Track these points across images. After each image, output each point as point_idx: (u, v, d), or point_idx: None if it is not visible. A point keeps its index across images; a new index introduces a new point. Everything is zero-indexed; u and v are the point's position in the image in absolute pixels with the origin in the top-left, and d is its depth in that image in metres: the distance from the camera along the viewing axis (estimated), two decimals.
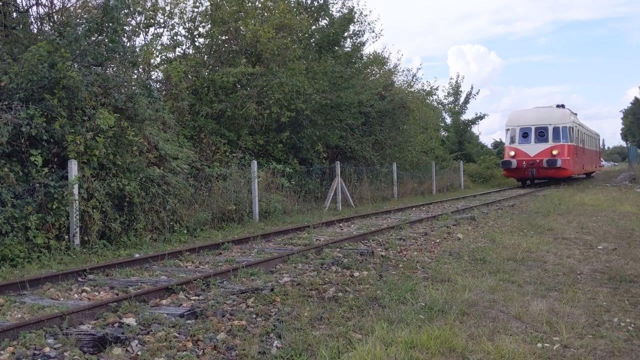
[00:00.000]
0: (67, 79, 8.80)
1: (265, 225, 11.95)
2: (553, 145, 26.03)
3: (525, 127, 27.10)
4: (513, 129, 27.45)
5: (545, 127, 26.56)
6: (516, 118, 27.95)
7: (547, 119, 26.83)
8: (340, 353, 4.04)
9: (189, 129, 14.33)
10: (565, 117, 27.03)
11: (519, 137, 27.05)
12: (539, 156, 25.92)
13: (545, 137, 26.45)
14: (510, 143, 27.46)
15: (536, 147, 26.33)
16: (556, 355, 4.10)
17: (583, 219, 12.07)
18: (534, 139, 26.61)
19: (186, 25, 16.68)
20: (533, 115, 27.59)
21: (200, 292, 5.74)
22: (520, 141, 27.01)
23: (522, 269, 6.97)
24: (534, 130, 26.71)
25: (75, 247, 8.35)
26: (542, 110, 28.08)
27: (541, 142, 26.38)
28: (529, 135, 26.80)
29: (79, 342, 4.09)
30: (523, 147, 26.75)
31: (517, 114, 28.70)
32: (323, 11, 21.93)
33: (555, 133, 26.29)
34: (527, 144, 26.73)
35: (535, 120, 27.02)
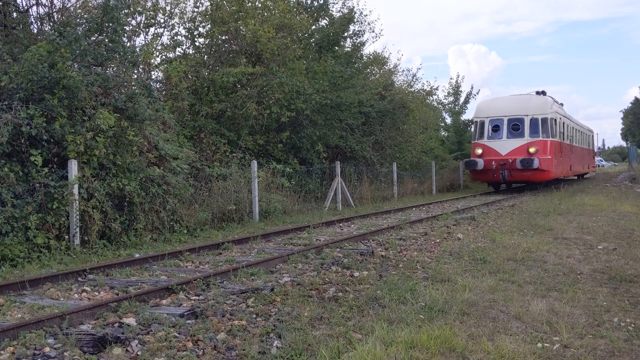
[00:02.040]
0: (67, 79, 8.80)
1: (265, 225, 11.95)
2: (530, 142, 21.31)
3: (496, 118, 22.23)
4: (481, 121, 22.65)
5: (521, 118, 21.76)
6: (486, 108, 23.04)
7: (523, 108, 22.08)
8: (340, 353, 4.04)
9: (189, 129, 14.33)
10: (545, 107, 22.27)
11: (489, 131, 22.29)
12: (512, 155, 21.24)
13: (520, 131, 21.71)
14: (478, 138, 22.60)
15: (509, 143, 21.66)
16: (556, 355, 4.10)
17: (583, 219, 12.07)
18: (507, 133, 21.85)
19: (186, 25, 16.69)
20: (506, 104, 22.77)
21: (200, 292, 5.74)
22: (490, 136, 22.21)
23: (522, 269, 6.97)
24: (507, 122, 21.92)
25: (75, 247, 8.35)
26: (518, 99, 23.21)
27: (515, 137, 21.70)
28: (501, 128, 22.02)
29: (79, 342, 4.09)
30: (493, 143, 22.02)
31: (487, 102, 23.79)
32: (323, 11, 21.94)
33: (533, 126, 21.59)
34: (498, 139, 21.94)
35: (508, 110, 22.25)
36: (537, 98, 23.21)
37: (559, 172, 23.26)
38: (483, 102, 23.96)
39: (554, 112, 22.68)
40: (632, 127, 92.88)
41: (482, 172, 21.80)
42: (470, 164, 21.95)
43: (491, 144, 22.08)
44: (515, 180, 22.45)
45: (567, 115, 26.33)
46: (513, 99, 23.40)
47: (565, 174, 25.43)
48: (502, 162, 21.20)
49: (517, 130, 21.77)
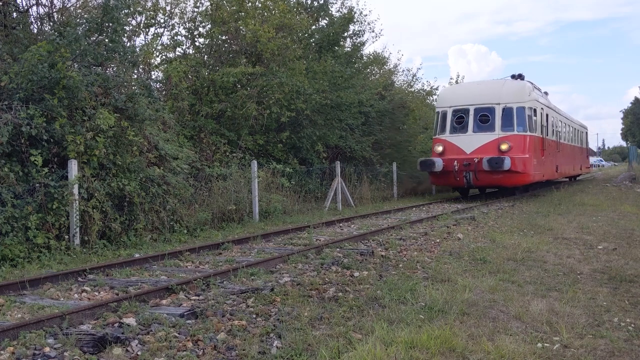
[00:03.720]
0: (67, 79, 8.80)
1: (265, 225, 11.95)
2: (502, 136, 17.23)
3: (461, 108, 18.18)
4: (443, 112, 18.61)
5: (491, 107, 17.67)
6: (449, 96, 19.15)
7: (493, 95, 17.88)
8: (340, 353, 4.04)
9: (189, 129, 14.33)
10: (522, 93, 18.13)
11: (451, 124, 18.21)
12: (478, 153, 17.14)
13: (490, 124, 17.57)
14: (439, 133, 18.58)
15: (476, 138, 17.50)
16: (556, 355, 4.10)
17: (583, 219, 12.07)
18: (473, 126, 17.74)
19: (186, 25, 16.69)
20: (473, 91, 18.67)
21: (200, 292, 5.74)
22: (453, 130, 18.13)
23: (522, 269, 6.97)
24: (474, 113, 17.80)
25: (75, 247, 8.35)
26: (487, 84, 19.12)
27: (484, 130, 17.53)
28: (466, 120, 17.92)
29: (79, 342, 4.09)
30: (456, 139, 17.87)
31: (450, 90, 20.26)
32: (323, 11, 21.94)
33: (507, 117, 17.58)
34: (463, 134, 17.80)
35: (475, 97, 18.14)
36: (511, 83, 18.92)
37: (541, 174, 19.01)
38: (446, 89, 20.56)
39: (533, 101, 18.52)
40: (632, 127, 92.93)
41: (442, 174, 17.55)
42: (425, 165, 17.60)
43: (454, 139, 17.96)
44: (483, 185, 18.33)
45: (552, 107, 22.27)
46: (482, 84, 19.28)
47: (550, 177, 21.08)
48: (466, 162, 16.99)
49: (485, 123, 17.66)
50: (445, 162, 17.38)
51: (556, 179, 24.01)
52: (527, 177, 17.59)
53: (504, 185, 18.34)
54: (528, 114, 17.96)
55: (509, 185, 18.23)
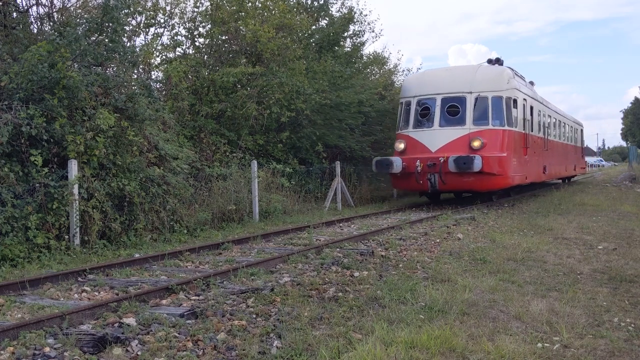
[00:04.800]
0: (67, 79, 8.80)
1: (265, 225, 11.95)
2: (474, 131, 14.63)
3: (426, 97, 15.55)
4: (407, 103, 16.03)
5: (461, 97, 15.03)
6: (413, 84, 16.33)
7: (464, 83, 15.19)
8: (340, 353, 4.04)
9: (189, 129, 14.33)
10: (499, 80, 15.40)
11: (415, 117, 15.62)
12: (445, 151, 14.52)
13: (459, 117, 14.96)
14: (402, 128, 16.02)
15: (442, 134, 14.89)
16: (556, 355, 4.10)
17: (583, 219, 12.07)
18: (440, 119, 15.10)
19: (186, 25, 16.69)
20: (440, 78, 15.89)
21: (200, 292, 5.74)
22: (417, 124, 15.56)
23: (522, 269, 6.97)
24: (441, 103, 15.16)
25: (75, 247, 8.35)
26: (458, 70, 16.24)
27: (453, 124, 14.94)
28: (432, 112, 15.28)
29: (79, 342, 4.09)
30: (420, 134, 15.25)
31: (415, 77, 17.22)
32: (323, 11, 21.94)
33: (480, 108, 14.96)
34: (428, 128, 15.20)
35: (443, 85, 15.45)
36: (486, 68, 16.01)
37: (522, 176, 16.24)
38: (410, 77, 17.78)
39: (513, 90, 15.69)
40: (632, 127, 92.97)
41: (402, 177, 14.97)
42: (381, 165, 14.99)
43: (417, 135, 15.32)
44: (450, 189, 15.67)
45: (539, 99, 19.60)
46: (451, 70, 16.46)
47: (536, 178, 18.25)
48: (430, 162, 14.34)
49: (455, 115, 15.05)
50: (406, 162, 14.68)
51: (544, 181, 20.77)
52: (504, 180, 14.86)
53: (475, 190, 15.52)
54: (506, 105, 15.28)
55: (482, 190, 15.25)
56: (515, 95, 15.97)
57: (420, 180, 14.57)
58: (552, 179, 23.00)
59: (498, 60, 17.20)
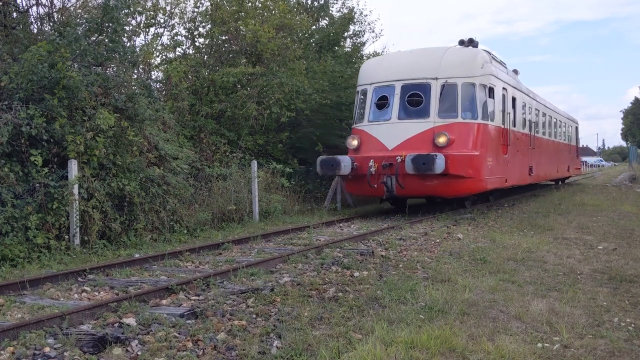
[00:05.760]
0: (67, 79, 8.80)
1: (265, 225, 11.95)
2: (439, 125, 12.35)
3: (384, 85, 13.26)
4: (363, 92, 13.79)
5: (424, 84, 12.73)
6: (371, 70, 13.94)
7: (429, 68, 12.86)
8: (340, 353, 4.04)
9: (189, 129, 14.33)
10: (471, 65, 13.01)
11: (371, 109, 13.39)
12: (403, 148, 12.23)
13: (422, 107, 12.67)
14: (357, 121, 13.82)
15: (402, 128, 12.60)
16: (556, 355, 4.10)
17: (583, 219, 12.07)
18: (399, 110, 12.82)
19: (186, 25, 16.70)
20: (402, 62, 13.48)
21: (200, 292, 5.74)
22: (373, 116, 13.33)
23: (522, 269, 6.97)
24: (400, 92, 12.88)
25: (75, 247, 8.35)
26: (421, 53, 13.65)
27: (414, 117, 12.68)
28: (390, 102, 13.02)
29: (79, 342, 4.09)
30: (376, 129, 13.03)
31: (374, 62, 14.67)
32: (323, 11, 21.96)
33: (447, 98, 12.67)
34: (385, 122, 12.94)
35: (404, 71, 13.12)
36: (456, 51, 13.49)
37: (501, 179, 13.94)
38: (368, 62, 15.15)
39: (489, 76, 13.28)
40: (632, 127, 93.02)
41: (354, 179, 12.78)
42: (326, 166, 12.62)
43: (373, 129, 13.04)
44: (410, 195, 13.24)
45: (524, 90, 17.20)
46: (414, 53, 13.80)
47: (519, 181, 15.98)
48: (386, 161, 12.10)
49: (417, 106, 12.73)
50: (358, 162, 12.47)
51: (530, 183, 18.02)
52: (476, 184, 12.54)
53: (440, 196, 13.21)
54: (480, 94, 12.87)
55: (448, 196, 13.02)
56: (492, 82, 13.43)
57: (374, 184, 12.18)
58: (540, 181, 20.55)
59: (472, 42, 14.27)
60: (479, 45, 14.39)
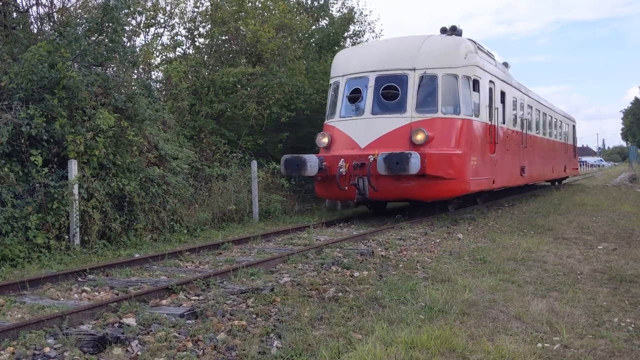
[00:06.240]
0: (67, 79, 8.80)
1: (265, 225, 11.95)
2: (417, 121, 11.28)
3: (357, 77, 12.21)
4: (335, 85, 12.71)
5: (401, 75, 11.65)
6: (344, 62, 12.78)
7: (406, 57, 11.76)
8: (340, 353, 4.04)
9: (189, 129, 14.34)
10: (453, 55, 11.97)
11: (343, 103, 12.36)
12: (377, 146, 11.13)
13: (399, 101, 11.58)
14: (329, 117, 12.78)
15: (376, 124, 11.53)
16: (556, 355, 4.10)
17: (583, 219, 12.07)
18: (373, 104, 11.72)
19: (186, 25, 16.71)
20: (376, 52, 12.40)
21: (200, 292, 5.74)
22: (345, 111, 12.31)
23: (522, 269, 6.97)
24: (374, 84, 11.77)
25: (75, 247, 8.35)
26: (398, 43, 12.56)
27: (389, 112, 11.59)
28: (363, 96, 11.97)
29: (79, 342, 4.09)
30: (347, 125, 12.01)
31: (347, 52, 13.57)
32: (323, 11, 21.96)
33: (427, 90, 11.60)
34: (357, 117, 11.96)
35: (378, 61, 12.00)
36: (437, 39, 12.38)
37: (489, 180, 12.93)
38: (341, 52, 13.71)
39: (473, 67, 12.21)
40: (632, 127, 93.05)
41: (324, 181, 11.73)
42: (291, 167, 11.33)
43: (345, 126, 12.01)
44: (385, 198, 12.28)
45: (515, 85, 16.11)
46: (390, 42, 12.83)
47: (509, 182, 14.99)
48: (357, 161, 11.00)
49: (392, 100, 11.64)
50: (327, 162, 11.27)
51: (521, 184, 17.03)
52: (458, 185, 11.44)
53: (418, 199, 11.86)
54: (463, 87, 11.80)
55: (427, 199, 11.78)
56: (477, 74, 12.28)
57: (344, 186, 10.95)
58: (534, 182, 19.50)
59: (454, 30, 13.19)
60: (462, 33, 13.43)
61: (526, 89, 17.77)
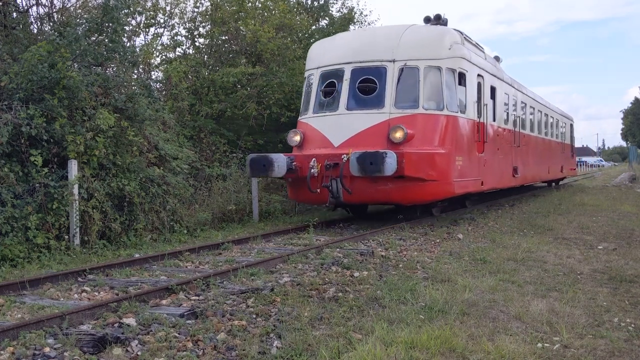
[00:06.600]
0: (67, 79, 8.81)
1: (265, 225, 11.95)
2: (396, 117, 10.39)
3: (332, 69, 11.25)
4: (309, 78, 11.79)
5: (379, 67, 10.73)
6: (319, 53, 11.83)
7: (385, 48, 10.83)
8: (340, 353, 4.04)
9: (189, 129, 14.34)
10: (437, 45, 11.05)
11: (317, 97, 11.40)
12: (351, 145, 10.26)
13: (376, 95, 10.66)
14: (302, 112, 11.87)
15: (351, 120, 10.60)
16: (556, 355, 4.10)
17: (583, 219, 12.07)
18: (348, 99, 10.79)
19: (186, 25, 16.73)
20: (353, 42, 11.52)
21: (200, 292, 5.74)
22: (319, 107, 11.32)
23: (522, 269, 6.97)
24: (350, 76, 10.85)
25: (75, 247, 8.35)
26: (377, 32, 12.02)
27: (366, 107, 10.67)
28: (338, 90, 11.01)
29: (79, 342, 4.09)
30: (320, 122, 11.07)
31: (322, 43, 12.48)
32: (323, 11, 21.95)
33: (407, 84, 10.68)
34: (331, 113, 10.94)
35: (355, 52, 11.07)
36: (419, 29, 11.52)
37: (477, 181, 12.04)
38: (317, 43, 12.67)
39: (459, 59, 11.31)
40: (632, 127, 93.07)
41: (295, 183, 10.82)
42: (257, 166, 10.27)
43: (318, 122, 11.07)
44: (361, 202, 11.18)
45: (507, 80, 15.20)
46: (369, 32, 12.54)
47: (501, 183, 14.20)
48: (330, 161, 10.01)
49: (370, 94, 10.74)
50: (298, 162, 10.25)
51: (514, 186, 16.11)
52: (441, 187, 10.56)
53: (397, 203, 11.18)
54: (448, 80, 10.92)
55: (406, 203, 10.95)
56: (463, 67, 11.36)
57: (315, 189, 9.97)
58: (528, 183, 18.58)
59: (439, 19, 12.37)
60: (447, 22, 12.63)
61: (520, 85, 16.93)
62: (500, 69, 15.20)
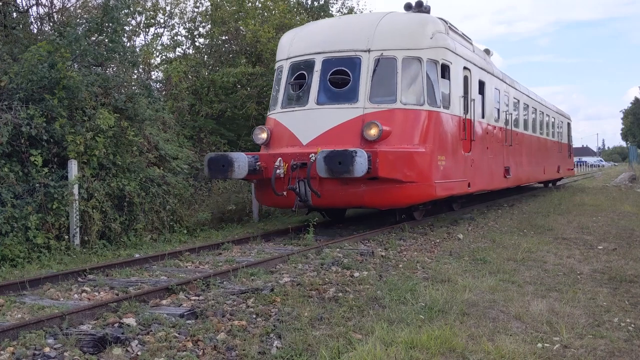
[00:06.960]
0: (67, 79, 8.81)
1: (265, 225, 11.95)
2: (371, 112, 9.51)
3: (302, 60, 10.30)
4: (279, 70, 10.86)
5: (353, 58, 9.81)
6: (288, 42, 10.82)
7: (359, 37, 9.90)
8: (340, 353, 4.04)
9: (189, 129, 14.35)
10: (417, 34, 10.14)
11: (285, 90, 10.48)
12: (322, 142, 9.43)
13: (350, 89, 9.75)
14: (271, 107, 10.91)
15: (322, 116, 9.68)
16: (556, 355, 4.10)
17: (583, 219, 12.07)
18: (318, 93, 9.86)
19: (186, 25, 16.74)
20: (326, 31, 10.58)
21: (200, 292, 5.74)
22: (288, 101, 10.45)
23: (522, 269, 6.97)
24: (321, 68, 9.91)
25: (75, 247, 8.35)
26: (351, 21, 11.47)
27: (338, 101, 9.76)
28: (308, 82, 10.07)
29: (79, 342, 4.09)
30: (288, 117, 10.19)
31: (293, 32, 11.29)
32: (323, 11, 21.94)
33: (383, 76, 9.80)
34: (300, 108, 10.04)
35: (327, 42, 10.12)
36: (396, 17, 10.49)
37: (464, 183, 11.31)
38: (288, 33, 11.61)
39: (442, 49, 10.47)
40: (632, 127, 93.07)
41: (261, 185, 9.97)
42: (216, 167, 9.27)
43: (286, 118, 10.21)
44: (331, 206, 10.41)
45: (498, 74, 14.38)
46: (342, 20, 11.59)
47: (491, 185, 13.45)
48: (297, 160, 9.13)
49: (342, 87, 9.87)
50: (263, 162, 9.39)
51: (506, 187, 15.17)
52: (420, 190, 9.72)
53: (372, 207, 10.37)
54: (429, 73, 10.07)
55: (382, 207, 10.25)
56: (447, 58, 10.52)
57: (280, 191, 9.08)
58: (522, 184, 17.72)
59: (421, 6, 11.33)
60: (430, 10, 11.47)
61: (512, 81, 15.88)
62: (491, 63, 14.37)
